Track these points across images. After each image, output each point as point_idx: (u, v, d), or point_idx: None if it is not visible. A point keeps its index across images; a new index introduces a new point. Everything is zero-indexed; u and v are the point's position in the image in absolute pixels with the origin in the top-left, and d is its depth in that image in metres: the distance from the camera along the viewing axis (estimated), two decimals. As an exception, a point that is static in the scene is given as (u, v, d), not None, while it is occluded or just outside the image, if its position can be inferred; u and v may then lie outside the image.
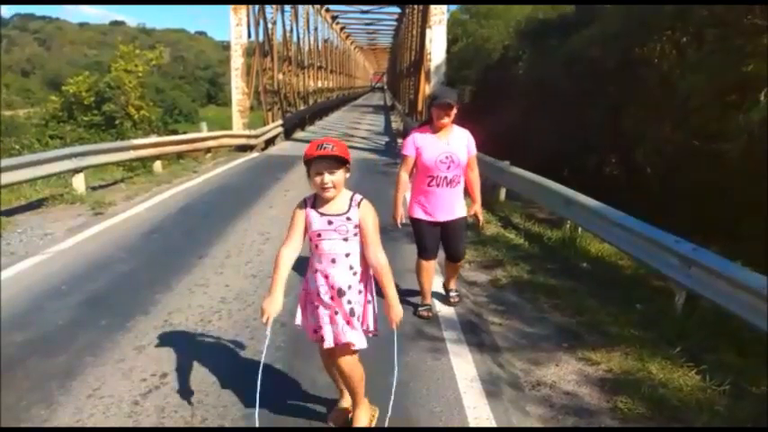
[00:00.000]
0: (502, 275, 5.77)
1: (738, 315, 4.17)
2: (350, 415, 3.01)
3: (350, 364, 2.77)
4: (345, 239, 2.67)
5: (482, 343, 4.20)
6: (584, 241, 6.96)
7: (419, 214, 4.40)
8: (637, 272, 6.10)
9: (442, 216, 4.36)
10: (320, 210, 2.68)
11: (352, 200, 2.69)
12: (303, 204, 2.73)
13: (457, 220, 4.41)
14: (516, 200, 9.35)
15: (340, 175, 2.61)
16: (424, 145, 4.22)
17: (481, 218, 4.70)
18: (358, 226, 2.66)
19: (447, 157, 4.18)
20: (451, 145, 4.21)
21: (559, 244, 6.96)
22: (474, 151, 4.38)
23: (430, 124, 4.26)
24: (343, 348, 2.72)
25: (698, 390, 3.65)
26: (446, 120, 4.14)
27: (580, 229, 7.00)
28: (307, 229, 2.70)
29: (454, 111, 4.12)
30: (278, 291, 2.63)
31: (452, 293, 4.84)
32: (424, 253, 4.51)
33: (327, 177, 2.58)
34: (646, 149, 11.40)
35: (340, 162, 2.59)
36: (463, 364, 3.81)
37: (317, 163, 2.57)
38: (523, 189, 8.77)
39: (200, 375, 3.53)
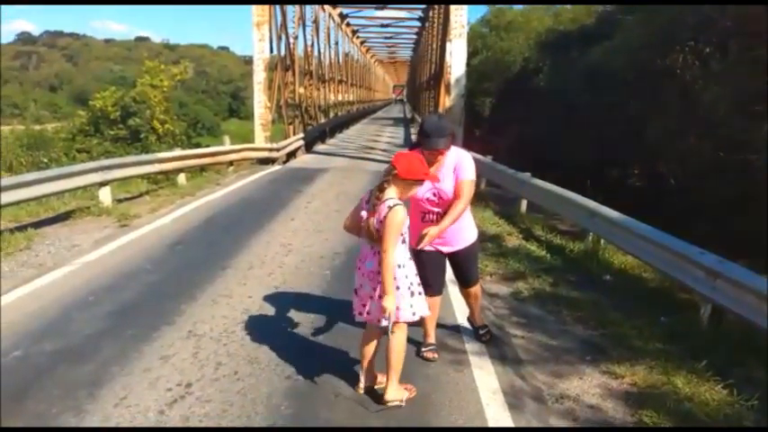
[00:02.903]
0: (524, 288, 5.74)
1: (766, 329, 4.09)
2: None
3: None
4: None
5: (504, 355, 4.19)
6: (607, 253, 6.90)
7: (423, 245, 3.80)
8: (661, 284, 6.03)
9: (447, 248, 3.97)
10: None
11: None
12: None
13: (466, 249, 4.01)
14: (538, 212, 9.30)
15: None
16: None
17: (427, 239, 3.63)
18: None
19: (434, 194, 3.74)
20: (439, 179, 3.64)
21: (582, 256, 6.91)
22: (464, 176, 3.71)
23: (420, 150, 3.60)
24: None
25: (725, 404, 3.60)
26: (436, 163, 3.64)
27: (603, 241, 6.93)
28: None
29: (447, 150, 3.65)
30: None
31: (482, 331, 4.40)
32: (427, 288, 3.76)
33: None
34: (669, 161, 11.29)
35: None
36: (485, 377, 3.80)
37: None
38: (545, 201, 8.72)
39: (225, 385, 3.58)
